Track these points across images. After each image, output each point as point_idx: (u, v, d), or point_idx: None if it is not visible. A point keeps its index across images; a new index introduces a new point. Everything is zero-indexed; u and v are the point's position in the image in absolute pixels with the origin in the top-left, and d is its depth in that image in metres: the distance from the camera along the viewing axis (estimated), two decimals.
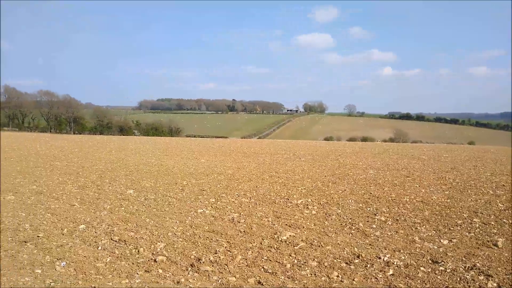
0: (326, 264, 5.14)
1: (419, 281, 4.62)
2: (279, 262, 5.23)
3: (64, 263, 5.09)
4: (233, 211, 7.94)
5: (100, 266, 5.02)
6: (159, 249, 5.64)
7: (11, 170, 12.72)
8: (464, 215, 7.70)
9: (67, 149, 22.04)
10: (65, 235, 6.22)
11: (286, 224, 6.99)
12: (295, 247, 5.79)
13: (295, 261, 5.26)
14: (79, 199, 8.75)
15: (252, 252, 5.59)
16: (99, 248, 5.70)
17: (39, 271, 4.82)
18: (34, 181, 10.90)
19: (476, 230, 6.68)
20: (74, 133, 74.53)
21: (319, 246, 5.85)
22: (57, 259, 5.22)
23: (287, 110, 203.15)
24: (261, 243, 5.95)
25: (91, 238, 6.10)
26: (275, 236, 6.30)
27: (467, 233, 6.52)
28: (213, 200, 8.90)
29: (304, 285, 4.49)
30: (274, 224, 6.98)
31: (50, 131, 76.80)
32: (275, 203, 8.71)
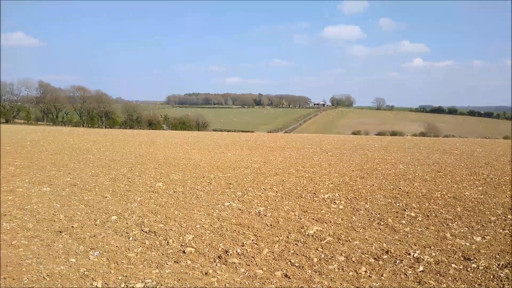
0: (353, 259, 5.10)
1: (450, 278, 4.51)
2: (306, 256, 5.23)
3: (97, 252, 5.28)
4: (259, 204, 7.98)
5: (131, 256, 5.18)
6: (187, 241, 5.75)
7: (47, 163, 13.25)
8: (498, 211, 7.43)
9: (99, 142, 22.73)
10: (98, 226, 6.44)
11: (313, 219, 6.96)
12: (322, 242, 5.76)
13: (322, 255, 5.24)
14: (111, 191, 9.03)
15: (278, 245, 5.61)
16: (130, 238, 5.87)
17: (74, 260, 5.02)
18: (68, 173, 11.32)
19: (510, 227, 6.44)
20: (105, 127, 76.72)
21: (346, 241, 5.80)
22: (91, 248, 5.42)
23: (314, 104, 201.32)
24: (287, 237, 5.96)
25: (123, 229, 6.29)
26: (302, 230, 6.29)
27: (501, 230, 6.30)
28: (240, 193, 8.97)
29: (331, 280, 4.47)
30: (300, 218, 6.98)
31: (83, 126, 79.42)
32: (301, 197, 8.68)
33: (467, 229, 6.39)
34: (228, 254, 5.26)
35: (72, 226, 6.36)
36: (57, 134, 30.50)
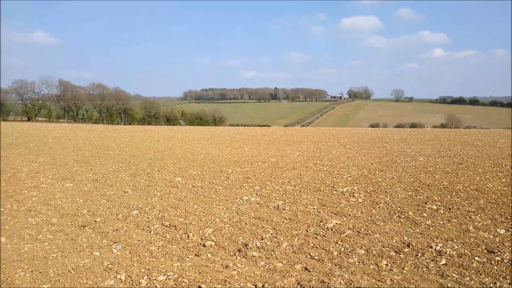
0: (374, 252, 5.06)
1: (473, 271, 4.43)
2: (325, 249, 5.22)
3: (120, 246, 5.39)
4: (278, 198, 7.99)
5: (153, 249, 5.27)
6: (207, 234, 5.81)
7: (69, 160, 13.56)
8: None
9: (118, 139, 23.11)
10: (120, 220, 6.57)
11: (332, 212, 6.93)
12: (342, 235, 5.74)
13: (342, 248, 5.22)
14: (131, 186, 9.18)
15: (298, 239, 5.61)
16: (152, 232, 5.97)
17: (98, 253, 5.14)
18: (90, 169, 11.57)
19: None
20: (124, 124, 77.89)
21: (366, 234, 5.76)
22: (113, 242, 5.55)
23: (331, 97, 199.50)
24: (307, 230, 5.96)
25: (144, 223, 6.41)
26: (321, 223, 6.27)
27: None
28: (258, 187, 9.00)
29: (352, 273, 4.46)
30: (319, 212, 6.95)
31: (102, 122, 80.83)
32: (320, 191, 8.65)
33: (490, 221, 6.26)
34: (247, 248, 5.29)
35: (95, 221, 6.51)
36: (78, 131, 31.14)
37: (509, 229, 5.85)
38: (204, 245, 5.41)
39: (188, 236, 5.79)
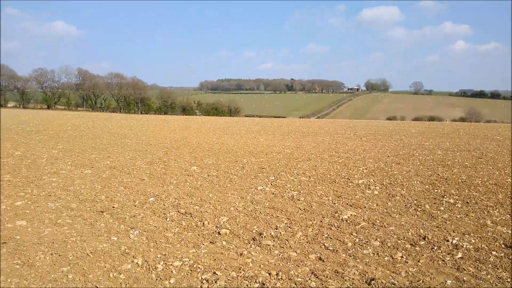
0: (389, 244, 5.04)
1: (490, 265, 4.37)
2: (340, 240, 5.21)
3: (137, 232, 5.50)
4: (292, 189, 8.00)
5: (169, 236, 5.36)
6: (222, 223, 5.88)
7: (87, 147, 13.82)
8: None
9: (135, 127, 23.41)
10: (137, 207, 6.69)
11: (347, 204, 6.91)
12: (357, 226, 5.72)
13: (357, 240, 5.21)
14: (148, 174, 9.32)
15: (312, 229, 5.62)
16: (168, 219, 6.07)
17: (115, 238, 5.26)
18: (107, 156, 11.77)
19: None
20: (141, 113, 78.76)
21: (381, 226, 5.73)
22: (131, 228, 5.66)
23: (348, 89, 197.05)
24: (321, 221, 5.96)
25: (160, 210, 6.51)
26: (336, 215, 6.26)
27: None
28: (273, 178, 9.02)
29: (366, 264, 4.45)
30: (334, 203, 6.94)
31: (120, 111, 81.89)
32: (335, 182, 8.62)
33: (509, 216, 6.14)
34: (262, 236, 5.33)
35: (113, 207, 6.64)
36: (96, 119, 31.64)
37: None
38: (219, 233, 5.47)
39: (203, 223, 5.86)
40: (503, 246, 4.95)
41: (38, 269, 4.29)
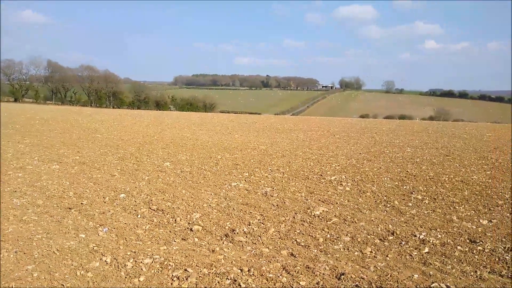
0: (359, 239, 5.13)
1: (455, 260, 4.53)
2: (311, 236, 5.27)
3: (106, 229, 5.37)
4: (266, 185, 8.02)
5: (139, 232, 5.26)
6: (195, 219, 5.82)
7: (56, 142, 13.38)
8: (506, 195, 7.39)
9: (107, 122, 22.85)
10: (106, 203, 6.54)
11: (319, 200, 6.99)
12: (328, 222, 5.80)
13: (328, 235, 5.28)
14: (119, 170, 9.12)
15: (285, 225, 5.66)
16: (139, 216, 5.96)
17: (83, 235, 5.12)
18: (77, 152, 11.44)
19: None
20: (113, 107, 77.00)
21: (352, 222, 5.83)
22: (100, 225, 5.52)
23: (322, 86, 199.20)
24: (294, 217, 6.01)
25: (131, 206, 6.38)
26: (308, 210, 6.33)
27: (508, 214, 6.27)
28: (247, 174, 9.01)
29: (336, 259, 4.52)
30: (307, 199, 7.01)
31: (91, 105, 79.77)
32: (308, 178, 8.70)
33: (474, 212, 6.38)
34: (234, 233, 5.32)
35: (82, 203, 6.46)
36: (65, 113, 30.69)
37: (492, 220, 5.97)
38: (191, 230, 5.42)
39: (175, 220, 5.79)
40: (467, 241, 5.13)
41: (2, 268, 4.12)
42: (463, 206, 6.72)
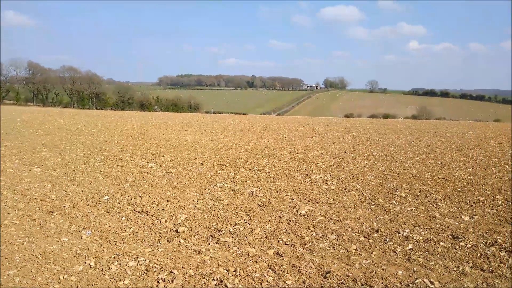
0: (344, 237, 5.17)
1: (438, 255, 4.60)
2: (297, 235, 5.29)
3: (90, 232, 5.29)
4: (252, 185, 8.01)
5: (124, 235, 5.19)
6: (180, 221, 5.78)
7: (37, 144, 13.11)
8: (487, 192, 7.55)
9: (90, 124, 22.51)
10: (90, 206, 6.43)
11: (305, 199, 7.02)
12: (314, 221, 5.83)
13: (314, 234, 5.31)
14: (102, 172, 8.99)
15: (271, 225, 5.66)
16: (123, 218, 5.88)
17: (66, 239, 5.02)
18: (59, 154, 11.23)
19: (498, 207, 6.57)
20: (96, 109, 75.88)
21: (337, 220, 5.88)
22: (83, 228, 5.43)
23: (307, 86, 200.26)
24: (279, 217, 6.02)
25: (115, 209, 6.30)
26: (294, 210, 6.35)
27: (489, 210, 6.42)
28: (233, 174, 8.99)
29: (322, 257, 4.54)
30: (292, 199, 7.03)
31: (73, 107, 78.44)
32: (293, 178, 8.73)
33: (456, 209, 6.50)
34: (220, 233, 5.30)
35: (64, 206, 6.34)
36: (47, 115, 30.11)
37: (474, 216, 6.10)
38: (176, 231, 5.38)
39: (160, 222, 5.74)
40: (450, 237, 5.22)
41: None
42: (445, 203, 6.84)
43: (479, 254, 4.63)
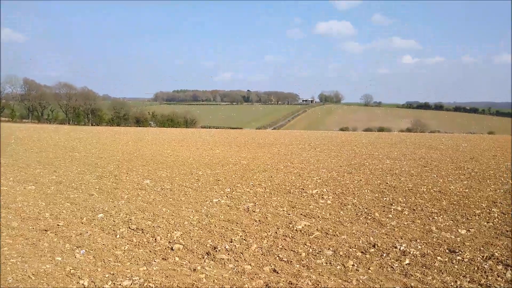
0: (341, 253, 5.14)
1: (435, 270, 4.58)
2: (294, 251, 5.25)
3: (84, 251, 5.22)
4: (248, 200, 7.98)
5: (118, 253, 5.13)
6: (175, 238, 5.72)
7: (32, 161, 13.04)
8: (483, 205, 7.56)
9: (85, 140, 22.45)
10: (84, 224, 6.37)
11: (301, 214, 6.99)
12: (310, 236, 5.79)
13: (310, 250, 5.27)
14: (97, 189, 8.92)
15: (267, 241, 5.62)
16: (117, 236, 5.82)
17: (59, 258, 4.95)
18: (53, 171, 11.16)
19: (494, 220, 6.56)
20: (91, 125, 75.75)
21: (334, 235, 5.84)
22: (77, 247, 5.36)
23: (303, 101, 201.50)
24: (276, 232, 5.98)
25: (110, 226, 6.23)
26: (290, 225, 6.31)
27: (485, 223, 6.41)
28: (228, 190, 8.96)
29: (319, 274, 4.50)
30: (289, 214, 7.00)
31: (69, 123, 78.28)
32: (290, 193, 8.71)
33: (452, 222, 6.49)
34: (216, 250, 5.25)
35: (58, 225, 6.27)
36: (42, 131, 30.02)
37: (470, 229, 6.09)
38: (172, 249, 5.32)
39: (155, 239, 5.68)
40: (447, 251, 5.20)
41: None
42: (441, 216, 6.84)
43: (476, 268, 4.61)
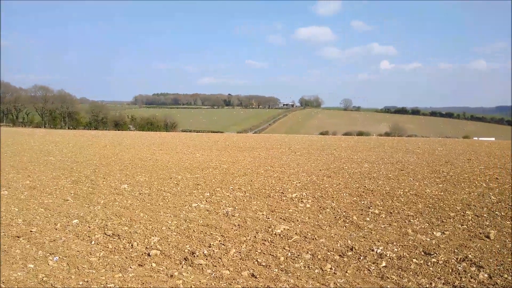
0: (319, 256, 5.16)
1: (411, 272, 4.65)
2: (272, 255, 5.24)
3: (57, 257, 5.07)
4: (227, 205, 7.94)
5: (93, 260, 5.00)
6: (152, 243, 5.63)
7: (4, 166, 12.63)
8: (457, 207, 7.74)
9: (61, 144, 21.92)
10: (58, 230, 6.19)
11: (281, 218, 7.00)
12: (289, 240, 5.80)
13: (289, 254, 5.27)
14: (72, 194, 8.71)
15: (246, 245, 5.59)
16: (93, 242, 5.68)
17: (32, 266, 4.80)
18: (27, 176, 10.84)
19: (468, 223, 6.73)
20: (68, 128, 74.13)
21: (313, 239, 5.87)
22: (50, 253, 5.21)
23: (283, 105, 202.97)
24: (255, 237, 5.96)
25: (85, 232, 6.08)
26: (269, 229, 6.30)
27: (459, 225, 6.56)
28: (208, 194, 8.89)
29: (297, 278, 4.50)
30: (268, 218, 6.99)
31: (45, 126, 76.38)
32: (269, 197, 8.71)
33: (427, 225, 6.62)
34: (194, 256, 5.19)
35: (31, 231, 6.08)
36: (16, 135, 29.17)
37: (445, 232, 6.22)
38: (148, 254, 5.23)
39: (132, 245, 5.57)
40: (422, 253, 5.29)
41: None
42: (417, 219, 6.96)
43: (450, 270, 4.70)
